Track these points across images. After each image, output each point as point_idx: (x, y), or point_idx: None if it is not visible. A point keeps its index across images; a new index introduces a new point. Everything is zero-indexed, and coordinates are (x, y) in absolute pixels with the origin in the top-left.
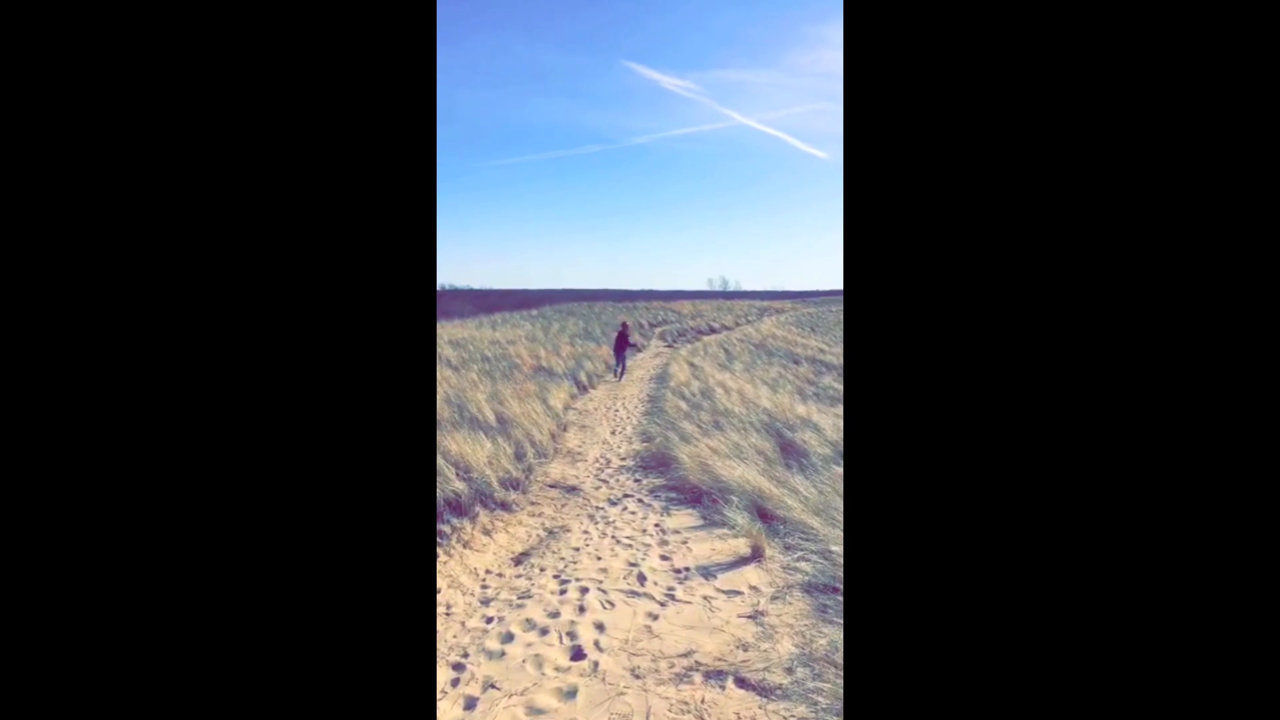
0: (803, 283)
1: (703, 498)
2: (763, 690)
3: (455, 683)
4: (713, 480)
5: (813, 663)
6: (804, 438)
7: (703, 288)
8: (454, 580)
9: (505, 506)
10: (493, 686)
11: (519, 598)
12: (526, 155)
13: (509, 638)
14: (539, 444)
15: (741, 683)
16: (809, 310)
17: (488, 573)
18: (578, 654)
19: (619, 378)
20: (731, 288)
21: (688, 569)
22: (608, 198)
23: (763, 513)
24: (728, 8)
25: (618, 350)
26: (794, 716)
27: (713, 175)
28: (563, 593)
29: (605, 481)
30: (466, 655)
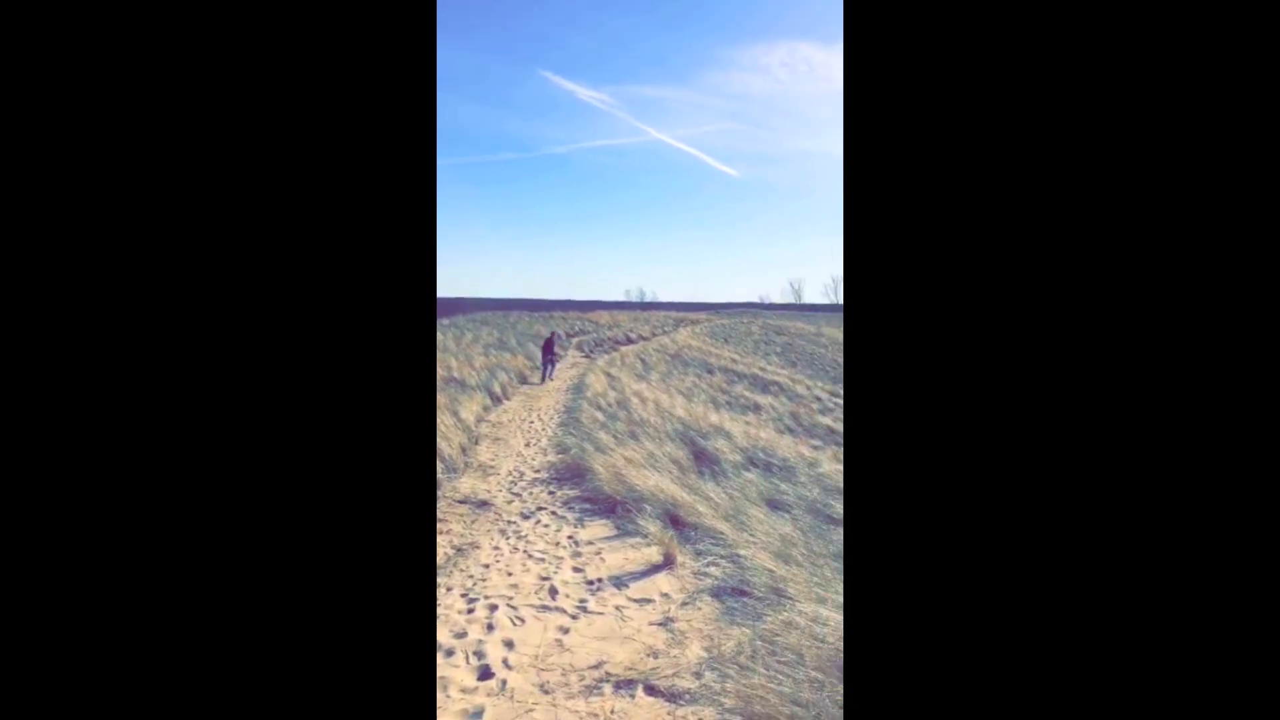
0: (717, 294)
1: (617, 508)
2: (671, 696)
3: None
4: (627, 490)
5: (720, 665)
6: (716, 445)
7: (620, 298)
8: None
9: None
10: None
11: None
12: (439, 159)
13: None
14: (448, 458)
15: (651, 690)
16: (723, 321)
17: None
18: (485, 673)
19: (543, 381)
20: (648, 298)
21: (600, 580)
22: (524, 207)
23: (675, 520)
24: (649, 28)
25: (545, 352)
26: None
27: (631, 187)
28: (470, 611)
29: (518, 495)
30: None
